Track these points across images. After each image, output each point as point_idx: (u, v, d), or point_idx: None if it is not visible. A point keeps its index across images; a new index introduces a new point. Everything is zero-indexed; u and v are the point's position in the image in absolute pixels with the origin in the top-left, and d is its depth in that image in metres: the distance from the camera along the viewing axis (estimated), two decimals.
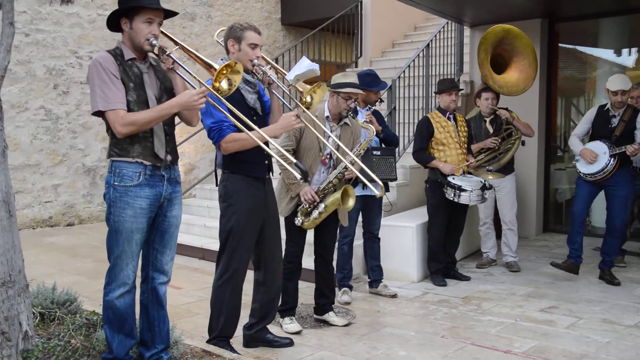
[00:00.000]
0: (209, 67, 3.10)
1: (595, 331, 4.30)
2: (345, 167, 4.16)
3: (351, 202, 4.14)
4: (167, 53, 2.96)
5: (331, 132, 4.30)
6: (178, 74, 3.02)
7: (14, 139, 8.04)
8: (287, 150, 4.14)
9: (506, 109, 6.01)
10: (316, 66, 3.53)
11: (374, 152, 5.04)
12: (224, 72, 2.99)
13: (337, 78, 4.42)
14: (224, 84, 3.03)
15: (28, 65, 8.24)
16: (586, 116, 5.71)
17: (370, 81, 5.06)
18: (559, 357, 3.82)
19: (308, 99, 3.46)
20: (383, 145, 5.25)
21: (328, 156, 4.29)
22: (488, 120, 6.04)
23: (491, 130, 6.00)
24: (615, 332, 4.29)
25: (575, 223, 5.57)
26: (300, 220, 4.20)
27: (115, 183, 2.97)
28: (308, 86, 3.51)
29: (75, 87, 8.66)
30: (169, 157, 3.08)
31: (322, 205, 4.15)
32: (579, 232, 5.55)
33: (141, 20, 2.95)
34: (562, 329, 4.35)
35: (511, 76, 6.24)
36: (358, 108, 4.76)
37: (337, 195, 4.14)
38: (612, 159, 5.32)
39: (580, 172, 5.53)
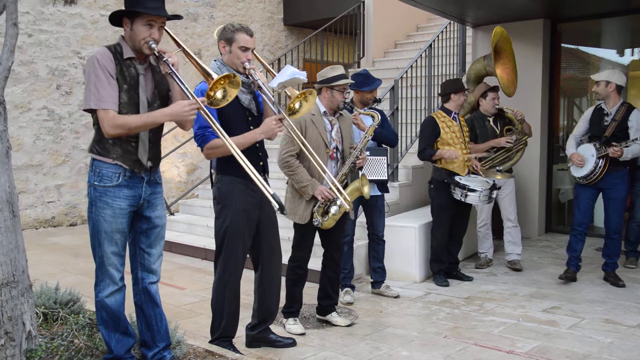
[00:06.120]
0: (207, 75, 3.04)
1: (598, 331, 4.30)
2: (357, 156, 4.25)
3: (367, 189, 4.24)
4: (164, 59, 2.93)
5: (331, 126, 4.30)
6: (175, 80, 2.99)
7: (17, 140, 8.07)
8: (291, 156, 4.15)
9: (511, 109, 6.07)
10: (302, 74, 3.46)
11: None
12: (222, 82, 2.95)
13: (326, 72, 4.35)
14: (219, 94, 2.99)
15: (31, 65, 8.26)
16: (584, 115, 5.64)
17: (361, 82, 5.03)
18: (562, 358, 3.82)
19: (297, 105, 3.38)
20: (383, 145, 5.21)
21: (335, 150, 4.29)
22: (491, 119, 6.05)
23: (497, 129, 6.00)
24: (618, 332, 4.28)
25: (575, 231, 5.50)
26: (319, 221, 4.16)
27: (95, 183, 2.99)
28: (297, 92, 3.43)
29: (78, 87, 8.68)
30: (149, 163, 3.07)
31: (339, 200, 4.10)
32: (578, 241, 5.49)
33: (141, 22, 2.94)
34: (564, 330, 4.35)
35: (501, 77, 6.27)
36: (356, 109, 4.74)
37: (356, 184, 4.22)
38: (601, 160, 5.25)
39: (573, 176, 5.52)
